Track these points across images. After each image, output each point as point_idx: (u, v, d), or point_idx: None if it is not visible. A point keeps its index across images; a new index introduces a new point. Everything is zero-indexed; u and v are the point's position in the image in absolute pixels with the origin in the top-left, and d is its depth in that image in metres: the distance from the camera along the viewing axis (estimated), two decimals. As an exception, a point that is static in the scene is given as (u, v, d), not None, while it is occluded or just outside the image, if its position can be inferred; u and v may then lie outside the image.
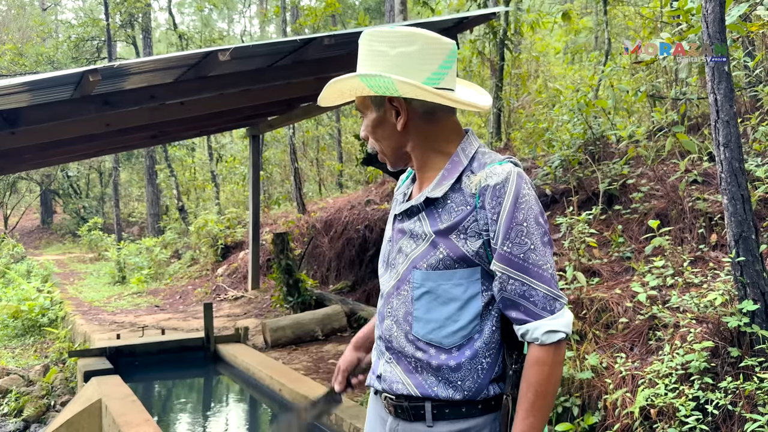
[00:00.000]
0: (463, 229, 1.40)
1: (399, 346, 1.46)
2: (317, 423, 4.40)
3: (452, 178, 1.44)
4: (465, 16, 6.19)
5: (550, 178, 6.08)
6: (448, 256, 1.40)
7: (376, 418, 1.59)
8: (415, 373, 1.44)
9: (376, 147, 1.54)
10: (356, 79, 1.41)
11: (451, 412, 1.42)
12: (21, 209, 25.37)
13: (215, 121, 8.72)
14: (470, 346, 1.41)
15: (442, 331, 1.41)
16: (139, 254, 14.54)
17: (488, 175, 1.39)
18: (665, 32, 5.85)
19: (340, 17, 18.50)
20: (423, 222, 1.45)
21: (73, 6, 31.33)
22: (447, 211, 1.42)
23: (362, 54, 1.46)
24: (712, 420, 2.95)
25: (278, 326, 6.95)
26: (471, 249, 1.39)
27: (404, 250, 1.47)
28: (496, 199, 1.37)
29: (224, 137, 20.16)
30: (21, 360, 8.21)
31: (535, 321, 1.36)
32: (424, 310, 1.42)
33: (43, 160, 10.44)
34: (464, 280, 1.40)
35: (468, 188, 1.41)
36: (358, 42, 1.47)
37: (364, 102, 1.49)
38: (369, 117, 1.50)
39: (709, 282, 3.78)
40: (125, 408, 4.60)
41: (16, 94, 4.41)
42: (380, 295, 1.57)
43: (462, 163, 1.45)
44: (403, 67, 1.40)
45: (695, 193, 4.72)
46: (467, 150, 1.47)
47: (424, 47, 1.41)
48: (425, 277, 1.42)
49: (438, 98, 1.40)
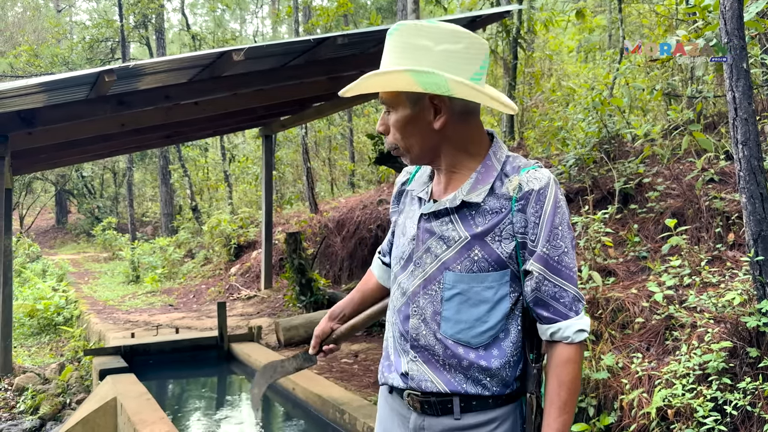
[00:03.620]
0: (498, 231, 1.42)
1: (427, 344, 1.47)
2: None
3: (488, 182, 1.44)
4: (479, 15, 6.18)
5: (564, 177, 6.05)
6: (483, 258, 1.41)
7: (392, 415, 1.58)
8: (443, 371, 1.45)
9: (397, 143, 1.48)
10: (406, 74, 1.35)
11: (478, 405, 1.45)
12: (36, 209, 25.63)
13: (228, 121, 8.77)
14: (497, 345, 1.44)
15: (471, 331, 1.43)
16: (152, 254, 14.64)
17: (529, 180, 1.41)
18: (681, 29, 5.80)
19: (352, 17, 18.50)
20: (456, 224, 1.44)
21: (87, 7, 31.61)
22: (481, 215, 1.43)
23: (397, 47, 1.40)
24: (730, 421, 2.91)
25: (291, 325, 6.96)
26: (505, 251, 1.42)
27: (433, 250, 1.46)
28: (539, 203, 1.40)
29: (237, 137, 20.24)
30: (37, 358, 8.29)
31: (565, 321, 1.41)
32: (454, 311, 1.44)
33: (58, 160, 10.55)
34: (495, 282, 1.42)
35: (504, 192, 1.43)
36: (390, 34, 1.41)
37: (396, 97, 1.43)
38: (400, 113, 1.44)
39: (726, 281, 3.74)
40: (140, 406, 4.62)
41: (33, 95, 4.46)
42: (398, 291, 1.55)
43: (495, 167, 1.46)
44: (448, 64, 1.36)
45: (712, 192, 4.67)
46: (498, 154, 1.48)
47: (469, 46, 1.39)
48: (458, 279, 1.43)
49: (486, 98, 1.39)
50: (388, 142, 1.50)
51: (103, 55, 19.80)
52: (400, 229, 1.58)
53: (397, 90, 1.41)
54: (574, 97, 8.27)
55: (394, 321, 1.56)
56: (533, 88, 10.40)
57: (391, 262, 1.61)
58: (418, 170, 1.63)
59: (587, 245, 4.52)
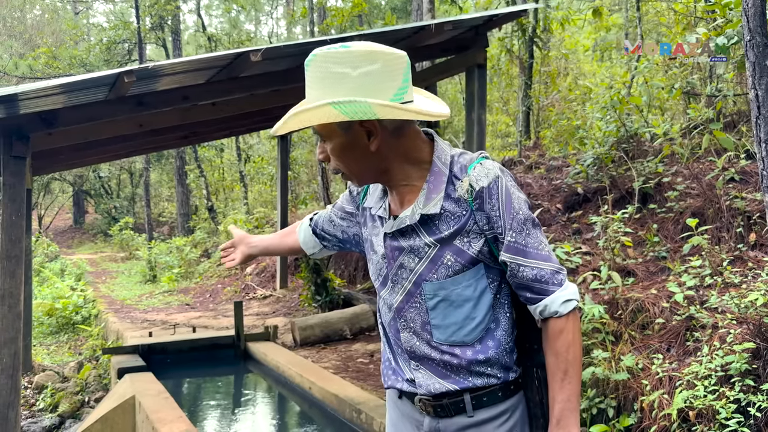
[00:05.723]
0: (465, 233, 1.44)
1: (423, 353, 1.50)
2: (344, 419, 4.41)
3: (440, 190, 1.45)
4: (495, 14, 6.15)
5: (582, 177, 6.00)
6: (456, 261, 1.44)
7: (404, 420, 1.60)
8: (447, 372, 1.49)
9: (340, 169, 1.47)
10: (328, 107, 1.33)
11: (489, 399, 1.48)
12: (54, 209, 25.90)
13: (244, 121, 8.80)
14: (491, 336, 1.48)
15: (463, 330, 1.47)
16: (169, 253, 14.74)
17: (478, 178, 1.42)
18: (700, 27, 5.74)
19: (367, 17, 18.51)
20: (421, 236, 1.46)
21: (104, 9, 31.91)
22: (444, 221, 1.45)
23: (317, 78, 1.37)
24: (754, 423, 2.87)
25: (307, 325, 6.98)
26: (475, 249, 1.44)
27: (407, 265, 1.49)
28: (493, 198, 1.42)
29: (252, 138, 20.34)
30: (56, 357, 8.38)
31: (549, 296, 1.43)
32: (442, 317, 1.47)
33: (77, 161, 10.65)
34: (472, 279, 1.45)
35: (458, 195, 1.44)
36: (307, 65, 1.39)
37: (327, 127, 1.41)
38: (335, 141, 1.43)
39: (749, 282, 3.69)
40: (158, 404, 4.65)
41: (53, 96, 4.50)
42: (384, 306, 1.58)
43: (443, 172, 1.46)
44: (369, 87, 1.34)
45: (732, 191, 4.61)
46: (443, 157, 1.48)
47: (386, 63, 1.36)
48: (437, 287, 1.46)
49: (412, 114, 1.38)
50: (332, 168, 1.49)
51: (120, 56, 19.97)
52: (369, 245, 1.60)
53: (324, 122, 1.39)
54: (591, 96, 8.21)
55: (389, 334, 1.59)
56: (549, 87, 10.35)
57: (371, 277, 1.62)
58: (367, 189, 1.64)
59: (606, 245, 4.48)
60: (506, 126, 13.21)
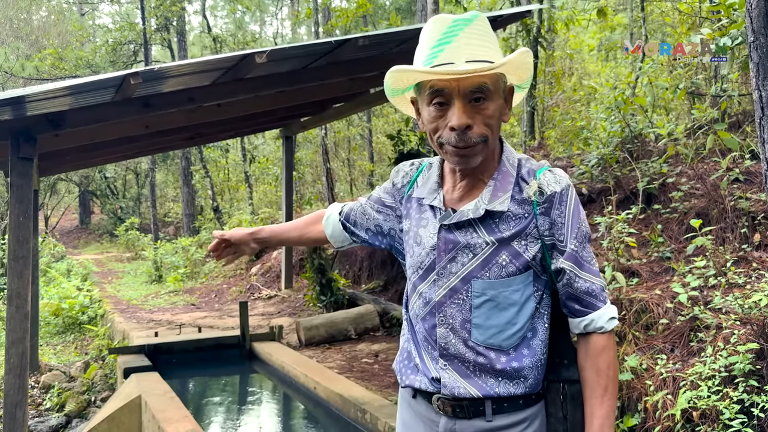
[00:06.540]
0: (524, 235, 1.44)
1: (457, 352, 1.47)
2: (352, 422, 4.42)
3: (507, 189, 1.46)
4: (500, 15, 6.16)
5: (586, 177, 6.00)
6: (511, 263, 1.43)
7: (417, 420, 1.56)
8: (475, 377, 1.46)
9: (487, 136, 1.41)
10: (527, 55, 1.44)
11: (510, 406, 1.47)
12: (60, 210, 25.99)
13: (249, 122, 8.83)
14: (527, 344, 1.46)
15: (502, 334, 1.45)
16: (175, 253, 14.79)
17: (549, 183, 1.45)
18: (705, 28, 5.74)
19: (371, 18, 18.52)
20: (480, 232, 1.45)
21: (110, 11, 31.99)
22: (504, 221, 1.44)
23: (480, 34, 1.39)
24: (757, 423, 2.88)
25: (312, 325, 7.00)
26: (531, 254, 1.44)
27: (459, 259, 1.46)
28: (563, 205, 1.44)
29: (257, 138, 20.37)
30: (62, 356, 8.43)
31: (596, 311, 1.46)
32: (485, 317, 1.45)
33: (83, 162, 10.70)
34: (522, 284, 1.45)
35: (524, 197, 1.45)
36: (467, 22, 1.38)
37: (497, 84, 1.41)
38: (497, 103, 1.42)
39: (753, 283, 3.69)
40: (164, 404, 4.68)
41: (60, 98, 4.52)
42: (419, 300, 1.52)
43: (511, 173, 1.47)
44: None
45: (737, 191, 4.61)
46: (511, 159, 1.50)
47: None
48: (487, 286, 1.44)
49: None
50: (477, 134, 1.40)
51: (126, 57, 20.02)
52: (412, 238, 1.55)
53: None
54: (596, 96, 8.21)
55: (418, 329, 1.54)
56: (554, 87, 10.35)
57: (407, 271, 1.58)
58: (418, 175, 1.61)
59: (611, 246, 4.49)
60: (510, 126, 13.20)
